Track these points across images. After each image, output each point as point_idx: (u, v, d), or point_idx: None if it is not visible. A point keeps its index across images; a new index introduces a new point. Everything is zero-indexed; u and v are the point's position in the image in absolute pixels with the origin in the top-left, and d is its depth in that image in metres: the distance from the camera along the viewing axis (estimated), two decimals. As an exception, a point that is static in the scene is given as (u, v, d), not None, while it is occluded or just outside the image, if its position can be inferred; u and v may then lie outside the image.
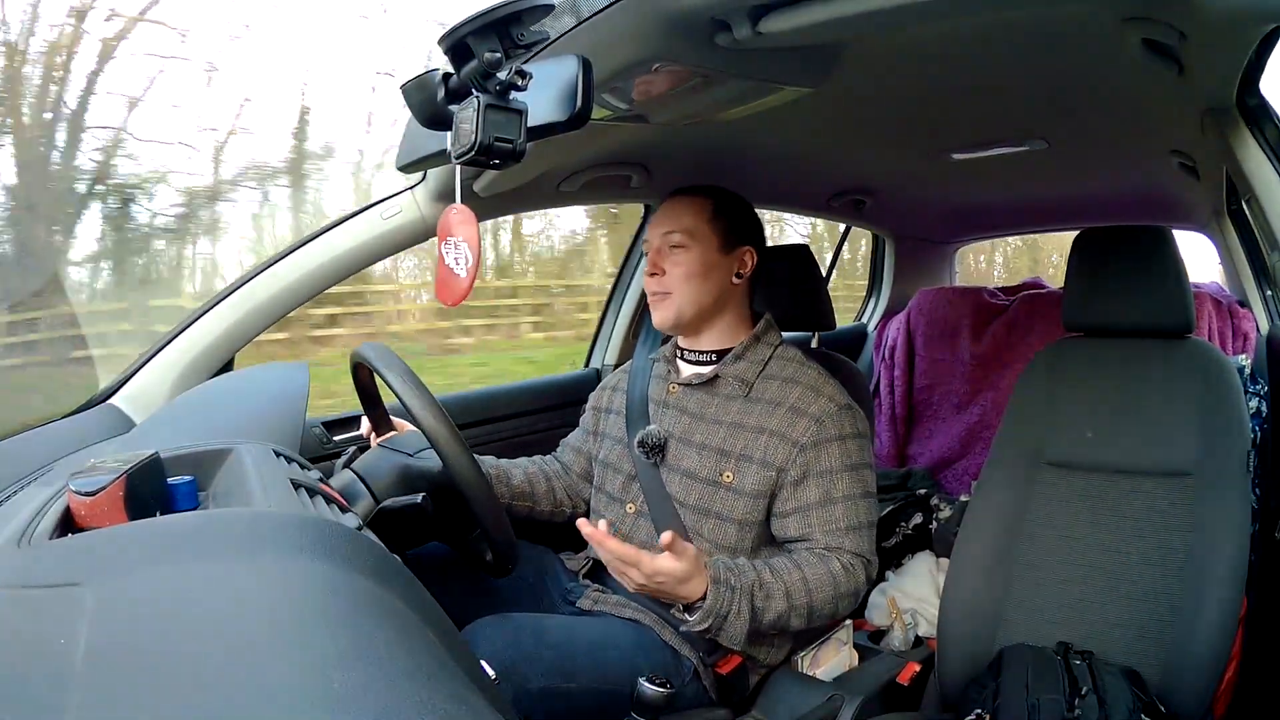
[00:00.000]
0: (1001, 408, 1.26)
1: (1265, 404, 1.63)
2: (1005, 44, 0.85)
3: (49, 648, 0.33)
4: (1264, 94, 0.81)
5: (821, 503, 1.00)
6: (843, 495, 1.00)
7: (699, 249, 1.07)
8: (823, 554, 0.99)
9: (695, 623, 0.91)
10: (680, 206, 1.10)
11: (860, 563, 1.00)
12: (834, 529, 0.99)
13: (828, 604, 0.97)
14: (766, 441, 1.01)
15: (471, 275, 0.64)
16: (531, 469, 1.20)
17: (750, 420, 1.04)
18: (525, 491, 1.17)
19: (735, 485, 1.02)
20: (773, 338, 1.12)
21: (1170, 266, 1.12)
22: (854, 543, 1.00)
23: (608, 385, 1.25)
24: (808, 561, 0.97)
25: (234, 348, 1.07)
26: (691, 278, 1.07)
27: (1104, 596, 1.05)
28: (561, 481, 1.22)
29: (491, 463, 1.15)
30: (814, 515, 1.00)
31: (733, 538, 1.02)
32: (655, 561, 0.87)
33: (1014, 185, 1.73)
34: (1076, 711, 0.87)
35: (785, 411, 1.02)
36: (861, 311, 2.56)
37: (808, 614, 0.96)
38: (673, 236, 1.08)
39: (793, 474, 1.00)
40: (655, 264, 1.08)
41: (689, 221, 1.08)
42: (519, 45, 0.56)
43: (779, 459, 1.00)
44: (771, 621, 0.94)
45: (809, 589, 0.95)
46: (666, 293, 1.08)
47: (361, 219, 1.10)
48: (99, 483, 0.49)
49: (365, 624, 0.39)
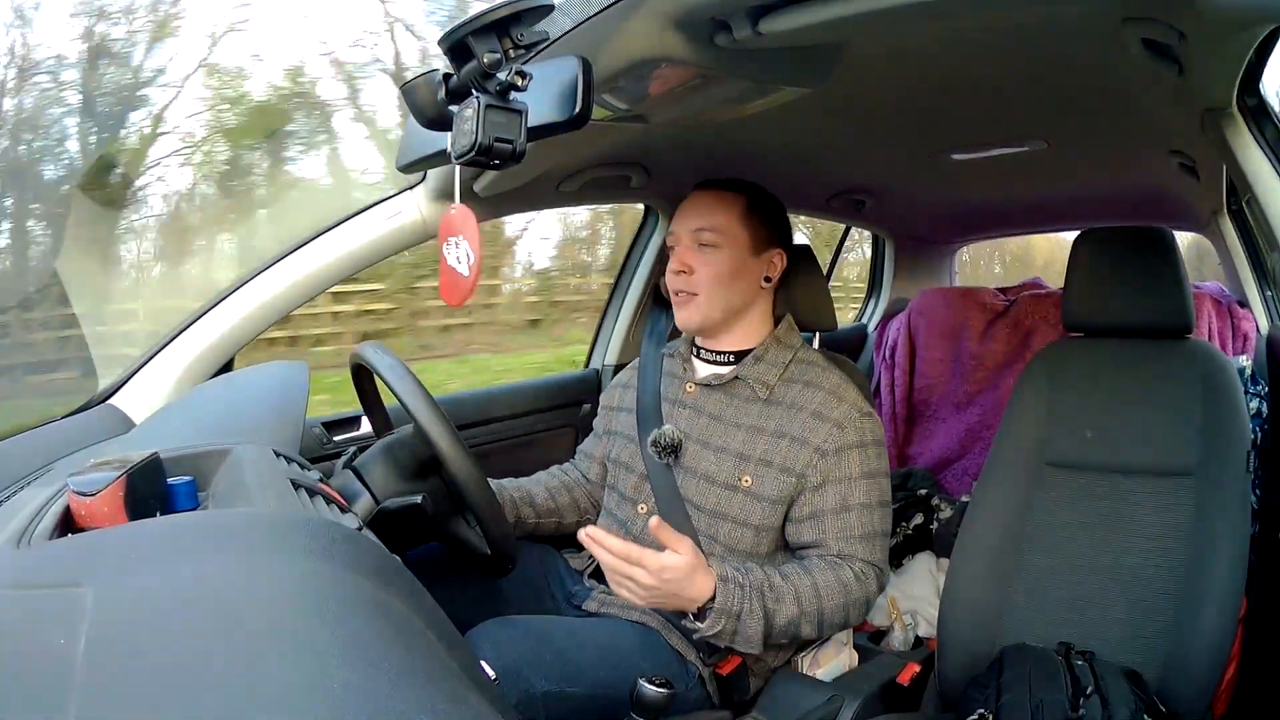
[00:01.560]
0: (1002, 408, 1.26)
1: (1265, 404, 1.63)
2: (1005, 44, 0.85)
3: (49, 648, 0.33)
4: (1264, 94, 0.81)
5: (837, 509, 0.98)
6: (859, 503, 0.99)
7: (730, 249, 1.04)
8: (834, 561, 0.97)
9: (709, 626, 0.88)
10: (712, 201, 1.06)
11: (873, 571, 0.99)
12: (848, 536, 0.98)
13: (838, 611, 0.95)
14: (787, 447, 1.00)
15: (475, 274, 0.64)
16: (553, 483, 1.19)
17: (770, 424, 1.02)
18: (551, 508, 1.15)
19: (754, 490, 1.00)
20: (794, 340, 1.10)
21: (1170, 267, 1.13)
22: (866, 550, 0.98)
23: (619, 383, 1.23)
24: (818, 568, 0.96)
25: (234, 348, 1.07)
26: (721, 280, 1.04)
27: (1104, 596, 1.05)
28: (583, 490, 1.21)
29: (512, 485, 1.14)
30: (829, 521, 0.98)
31: (749, 542, 1.01)
32: (660, 558, 0.84)
33: (1014, 185, 1.73)
34: (1080, 712, 0.87)
35: (807, 416, 1.00)
36: (862, 312, 2.56)
37: (818, 621, 0.94)
38: (704, 234, 1.04)
39: (813, 480, 0.99)
40: (684, 262, 1.04)
41: (721, 219, 1.04)
42: (519, 45, 0.56)
43: (800, 464, 0.99)
44: (784, 625, 0.92)
45: (819, 594, 0.93)
46: (693, 293, 1.04)
47: (362, 219, 1.10)
48: (99, 483, 0.49)
49: (365, 624, 0.39)
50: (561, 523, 1.17)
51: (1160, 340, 1.14)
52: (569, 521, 1.18)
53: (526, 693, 0.85)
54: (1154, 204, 1.84)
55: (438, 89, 0.61)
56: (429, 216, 1.10)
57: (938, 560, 1.71)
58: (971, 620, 1.10)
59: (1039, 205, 2.00)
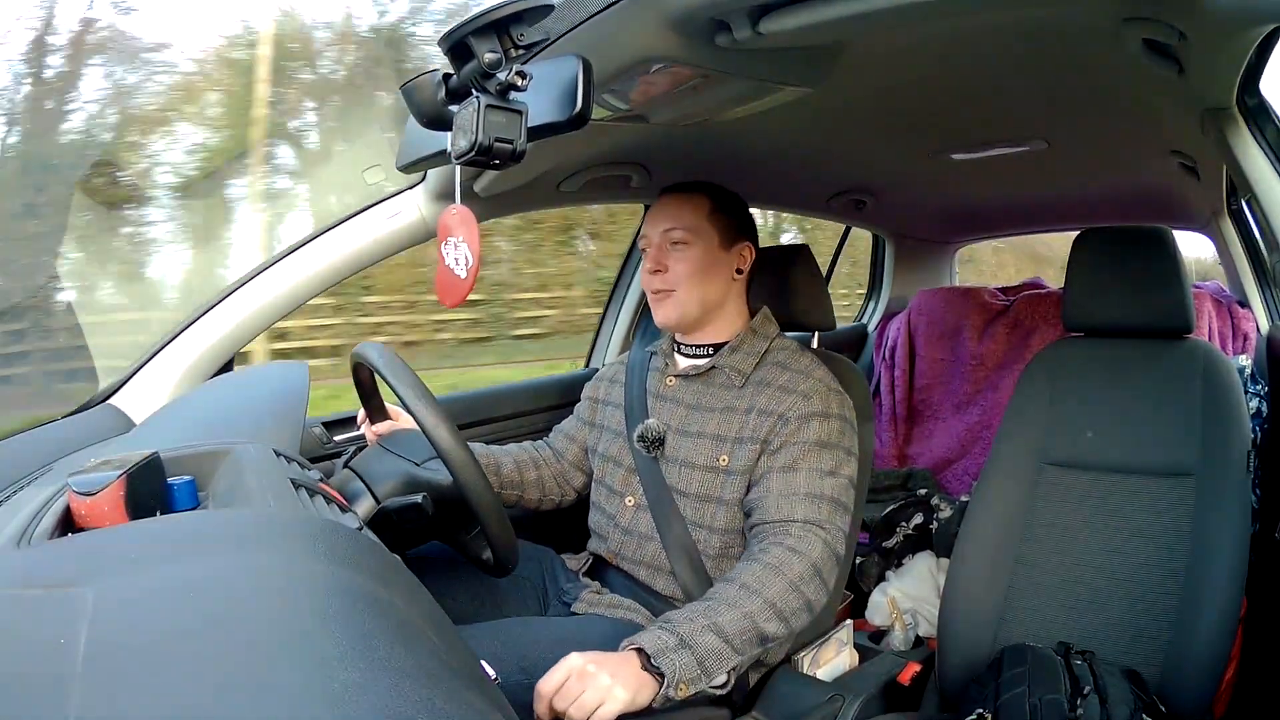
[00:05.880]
0: (1002, 408, 1.26)
1: (1265, 404, 1.63)
2: (1005, 44, 0.85)
3: (49, 648, 0.33)
4: (1264, 94, 0.81)
5: (785, 469, 0.98)
6: (810, 467, 0.98)
7: (701, 246, 1.08)
8: (762, 548, 0.93)
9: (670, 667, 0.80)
10: (679, 204, 1.10)
11: (814, 532, 0.93)
12: (790, 494, 0.96)
13: (789, 593, 0.89)
14: (755, 419, 1.02)
15: (472, 275, 0.64)
16: (522, 456, 1.21)
17: (742, 403, 1.05)
18: (515, 480, 1.18)
19: (730, 467, 1.02)
20: (770, 330, 1.13)
21: (1170, 266, 1.13)
22: (808, 510, 0.95)
23: (604, 377, 1.26)
24: (742, 569, 0.91)
25: (234, 348, 1.07)
26: (694, 275, 1.08)
27: (1104, 596, 1.05)
28: (551, 469, 1.23)
29: (482, 451, 1.16)
30: (774, 480, 0.98)
31: (723, 519, 1.03)
32: (564, 660, 0.78)
33: (1014, 185, 1.73)
34: (1078, 711, 0.87)
35: (774, 390, 1.03)
36: (862, 312, 2.56)
37: (773, 612, 0.88)
38: (674, 234, 1.08)
39: (773, 445, 1.00)
40: (658, 261, 1.09)
41: (690, 219, 1.09)
42: (519, 45, 0.56)
43: (764, 432, 1.01)
44: (740, 629, 0.86)
45: (752, 590, 0.88)
46: (670, 290, 1.08)
47: (362, 219, 1.10)
48: (99, 483, 0.49)
49: (365, 624, 0.39)
50: (522, 497, 1.19)
51: (1160, 340, 1.14)
52: (529, 498, 1.20)
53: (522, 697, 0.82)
54: (1154, 204, 1.84)
55: (438, 89, 0.61)
56: (429, 216, 1.10)
57: (938, 560, 1.71)
58: (971, 620, 1.10)
59: (1039, 205, 2.00)
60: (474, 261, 0.64)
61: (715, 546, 1.04)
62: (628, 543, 1.08)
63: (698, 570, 1.03)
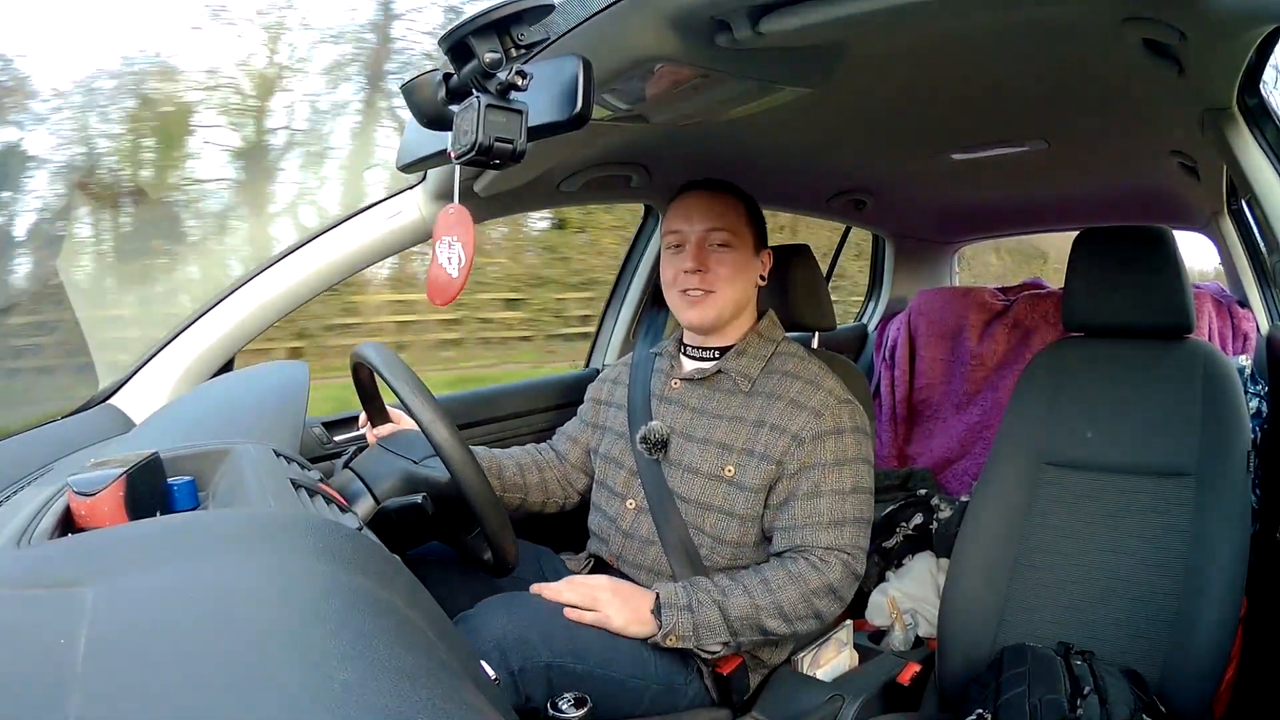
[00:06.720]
0: (1002, 408, 1.26)
1: (1265, 404, 1.63)
2: (1005, 44, 0.85)
3: (49, 648, 0.33)
4: (1264, 94, 0.82)
5: (808, 494, 0.99)
6: (831, 489, 0.99)
7: (741, 249, 1.08)
8: (789, 557, 0.99)
9: (666, 621, 0.93)
10: (720, 205, 1.09)
11: (835, 557, 0.98)
12: (814, 523, 0.99)
13: (799, 602, 0.95)
14: (767, 435, 1.01)
15: (464, 275, 0.64)
16: (525, 459, 1.21)
17: (750, 414, 1.04)
18: (518, 484, 1.17)
19: (737, 479, 1.02)
20: (775, 334, 1.13)
21: (1170, 266, 1.13)
22: (831, 537, 0.98)
23: (607, 378, 1.25)
24: (769, 566, 0.99)
25: (234, 348, 1.07)
26: (734, 277, 1.07)
27: (1104, 596, 1.05)
28: (554, 471, 1.22)
29: (484, 454, 1.16)
30: (798, 507, 0.99)
31: (735, 532, 1.02)
32: (591, 578, 0.96)
33: (1014, 185, 1.73)
34: (1078, 711, 0.87)
35: (785, 405, 1.03)
36: (862, 312, 2.56)
37: (778, 613, 0.95)
38: (718, 234, 1.07)
39: (790, 467, 1.00)
40: (700, 260, 1.06)
41: (732, 220, 1.08)
42: (519, 45, 0.56)
43: (778, 452, 1.00)
44: (743, 615, 0.94)
45: (770, 588, 0.95)
46: (710, 290, 1.07)
47: (362, 219, 1.10)
48: (99, 483, 0.49)
49: (365, 624, 0.39)
50: (525, 500, 1.19)
51: (1160, 340, 1.14)
52: (532, 501, 1.20)
53: (532, 661, 0.87)
54: (1154, 204, 1.84)
55: (438, 89, 0.61)
56: (429, 216, 1.10)
57: (938, 560, 1.71)
58: (971, 620, 1.10)
59: (1039, 205, 2.00)
60: (466, 261, 0.64)
61: (725, 557, 1.03)
62: (629, 546, 1.08)
63: (699, 574, 1.02)
